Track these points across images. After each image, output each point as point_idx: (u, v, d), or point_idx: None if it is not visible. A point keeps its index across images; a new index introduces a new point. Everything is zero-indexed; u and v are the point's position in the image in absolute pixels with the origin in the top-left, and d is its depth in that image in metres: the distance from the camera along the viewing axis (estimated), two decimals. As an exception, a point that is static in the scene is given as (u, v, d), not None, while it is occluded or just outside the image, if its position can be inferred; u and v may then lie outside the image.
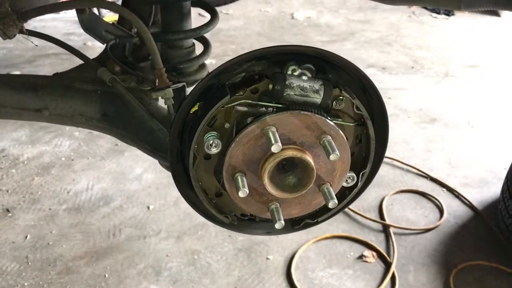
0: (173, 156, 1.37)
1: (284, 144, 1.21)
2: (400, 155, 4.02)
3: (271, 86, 1.24)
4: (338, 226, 3.28)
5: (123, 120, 1.66)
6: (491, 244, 3.18)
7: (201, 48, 1.83)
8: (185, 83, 1.56)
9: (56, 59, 5.63)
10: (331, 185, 1.32)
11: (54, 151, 4.03)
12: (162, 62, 1.56)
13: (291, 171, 1.29)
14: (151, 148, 1.63)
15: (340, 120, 1.32)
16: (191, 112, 1.32)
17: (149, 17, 1.87)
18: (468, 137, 4.37)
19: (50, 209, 3.39)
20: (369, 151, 1.37)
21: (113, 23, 1.90)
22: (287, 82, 1.22)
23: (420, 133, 4.43)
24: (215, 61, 5.27)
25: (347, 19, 7.46)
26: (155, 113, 1.62)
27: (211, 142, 1.25)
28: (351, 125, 1.34)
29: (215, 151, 1.26)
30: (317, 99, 1.24)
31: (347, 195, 1.45)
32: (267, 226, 1.52)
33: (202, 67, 1.77)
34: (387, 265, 3.00)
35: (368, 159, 1.38)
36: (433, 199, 3.58)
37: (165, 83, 1.49)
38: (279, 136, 1.20)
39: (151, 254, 3.05)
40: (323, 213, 1.47)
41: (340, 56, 1.27)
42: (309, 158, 1.25)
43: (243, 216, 1.48)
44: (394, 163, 3.93)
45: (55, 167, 3.83)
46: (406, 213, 3.45)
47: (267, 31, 6.91)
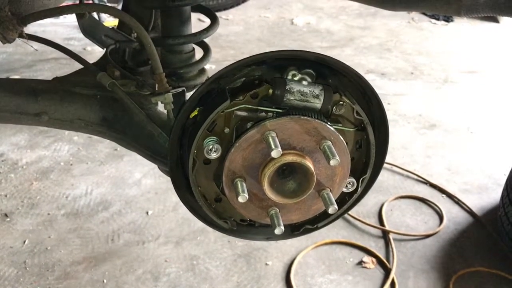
0: (173, 161, 1.37)
1: (284, 149, 1.21)
2: (399, 160, 4.02)
3: (271, 91, 1.24)
4: (337, 232, 3.27)
5: (123, 124, 1.65)
6: (491, 250, 3.17)
7: (201, 53, 1.83)
8: (185, 88, 1.56)
9: (55, 64, 5.63)
10: (331, 191, 1.32)
11: (53, 156, 4.01)
12: (162, 67, 1.56)
13: (291, 176, 1.29)
14: (151, 153, 1.63)
15: (340, 125, 1.32)
16: (191, 117, 1.31)
17: (149, 22, 1.87)
18: (467, 143, 4.36)
19: (48, 214, 3.37)
20: (369, 156, 1.37)
21: (113, 28, 1.90)
22: (287, 87, 1.22)
23: (419, 139, 4.43)
24: (215, 66, 5.28)
25: (347, 25, 7.47)
26: (155, 118, 1.61)
27: (211, 147, 1.25)
28: (351, 130, 1.34)
29: (214, 156, 1.26)
30: (317, 104, 1.24)
31: (347, 200, 1.45)
32: (266, 231, 1.52)
33: (202, 72, 1.77)
34: (387, 271, 2.99)
35: (368, 164, 1.38)
36: (432, 205, 3.57)
37: (165, 88, 1.49)
38: (279, 141, 1.20)
39: (149, 259, 3.03)
40: (323, 218, 1.46)
41: (340, 61, 1.27)
42: (309, 163, 1.25)
43: (243, 221, 1.47)
44: (393, 168, 3.93)
45: (54, 171, 3.82)
46: (405, 219, 3.44)
47: (267, 37, 6.92)
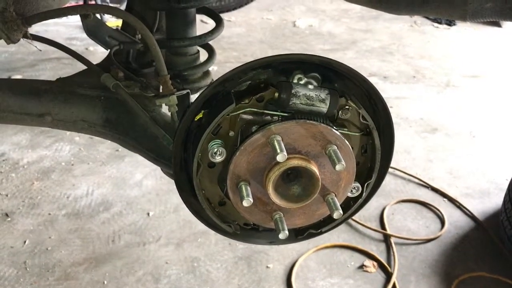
0: (177, 164, 1.36)
1: (289, 153, 1.20)
2: (401, 164, 4.01)
3: (277, 94, 1.23)
4: (339, 235, 3.26)
5: (126, 126, 1.64)
6: (492, 255, 3.16)
7: (205, 55, 1.82)
8: (189, 90, 1.56)
9: (58, 64, 5.63)
10: (336, 196, 1.31)
11: (54, 156, 4.01)
12: (166, 68, 1.55)
13: (296, 180, 1.28)
14: (154, 155, 1.62)
15: (345, 129, 1.31)
16: (196, 119, 1.31)
17: (153, 24, 1.87)
18: (469, 147, 4.36)
19: (49, 214, 3.37)
20: (374, 161, 1.36)
21: (117, 29, 1.89)
22: (293, 90, 1.21)
23: (421, 143, 4.42)
24: (217, 67, 5.27)
25: (349, 27, 7.47)
26: (159, 120, 1.61)
27: (216, 150, 1.24)
28: (357, 135, 1.33)
29: (219, 159, 1.25)
30: (323, 108, 1.23)
31: (352, 205, 1.44)
32: (270, 235, 1.51)
33: (206, 74, 1.76)
34: (388, 275, 2.98)
35: (373, 169, 1.37)
36: (434, 209, 3.56)
37: (169, 90, 1.48)
38: (284, 145, 1.19)
39: (150, 261, 3.02)
40: (327, 223, 1.45)
41: (346, 65, 1.26)
42: (314, 167, 1.24)
43: (246, 225, 1.46)
44: (395, 172, 3.92)
45: (55, 171, 3.82)
46: (407, 223, 3.43)
47: (269, 39, 6.92)
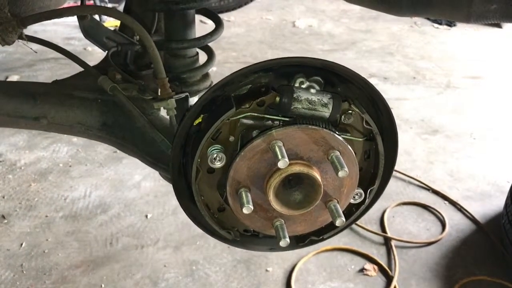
0: (175, 169, 1.33)
1: (290, 159, 1.17)
2: (402, 166, 3.98)
3: (278, 99, 1.20)
4: (339, 238, 3.22)
5: (124, 130, 1.61)
6: (494, 259, 3.13)
7: (205, 57, 1.79)
8: (188, 93, 1.52)
9: (55, 64, 5.59)
10: (338, 202, 1.28)
11: (51, 157, 3.97)
12: (164, 71, 1.52)
13: (297, 187, 1.25)
14: (152, 159, 1.59)
15: (348, 134, 1.28)
16: (195, 124, 1.28)
17: (151, 25, 1.84)
18: (470, 149, 4.33)
19: (46, 216, 3.33)
20: (377, 167, 1.33)
21: (114, 30, 1.86)
22: (295, 95, 1.18)
23: (421, 145, 4.39)
24: (216, 68, 5.24)
25: (349, 28, 7.44)
26: (157, 124, 1.57)
27: (215, 155, 1.21)
28: (360, 140, 1.30)
29: (219, 165, 1.22)
30: (326, 113, 1.20)
31: (354, 211, 1.41)
32: (270, 242, 1.48)
33: (205, 76, 1.73)
34: (389, 279, 2.95)
35: (376, 175, 1.34)
36: (435, 211, 3.53)
37: (167, 93, 1.45)
38: (286, 150, 1.16)
39: (148, 264, 2.99)
40: (329, 230, 1.43)
41: (349, 69, 1.23)
42: (316, 174, 1.21)
43: (246, 231, 1.43)
44: (396, 174, 3.89)
45: (53, 173, 3.78)
46: (408, 225, 3.40)
47: (269, 39, 6.89)
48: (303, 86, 1.23)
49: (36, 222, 3.28)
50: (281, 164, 1.12)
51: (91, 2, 6.61)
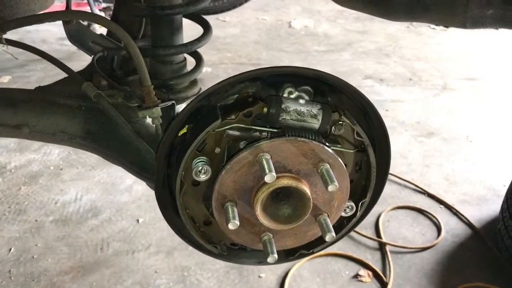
0: (159, 180, 1.28)
1: (278, 172, 1.12)
2: (397, 169, 3.94)
3: (265, 109, 1.15)
4: (333, 243, 3.17)
5: (108, 138, 1.56)
6: (490, 264, 3.09)
7: (193, 63, 1.74)
8: (174, 102, 1.47)
9: (48, 65, 5.41)
10: (328, 216, 1.24)
11: (42, 160, 3.91)
12: (150, 78, 1.47)
13: (286, 200, 1.20)
14: (137, 169, 1.54)
15: (339, 146, 1.23)
16: (179, 135, 1.23)
17: (138, 31, 1.78)
18: (466, 152, 4.29)
19: (36, 221, 3.27)
20: (369, 179, 1.29)
21: (101, 34, 1.81)
22: (283, 105, 1.14)
23: (417, 147, 4.35)
24: (211, 69, 5.19)
25: (345, 29, 7.40)
26: (142, 132, 1.53)
27: (200, 168, 1.16)
28: (351, 151, 1.26)
29: (204, 178, 1.17)
30: (315, 124, 1.16)
31: (345, 225, 1.36)
32: (258, 255, 1.43)
33: (193, 83, 1.68)
34: (383, 285, 2.91)
35: (368, 187, 1.30)
36: (430, 216, 3.49)
37: (152, 102, 1.40)
38: (274, 163, 1.12)
39: (139, 270, 2.94)
40: (319, 243, 1.38)
41: (340, 78, 1.18)
42: (305, 187, 1.16)
43: (233, 245, 1.38)
44: (391, 178, 3.84)
45: (43, 176, 3.72)
46: (402, 230, 3.36)
47: (264, 40, 6.84)
48: (292, 96, 1.18)
49: (25, 226, 3.22)
50: (268, 178, 1.08)
51: (85, 1, 6.54)
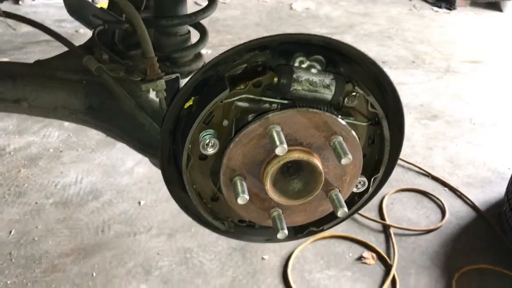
0: (164, 155, 1.24)
1: (289, 145, 1.07)
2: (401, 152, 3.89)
3: (276, 79, 1.10)
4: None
5: (110, 113, 1.51)
6: (494, 246, 3.07)
7: (198, 36, 1.68)
8: (179, 74, 1.42)
9: (47, 47, 5.44)
10: (340, 191, 1.19)
11: (42, 142, 3.87)
12: (154, 50, 1.42)
13: (297, 175, 1.16)
14: (141, 145, 1.49)
15: (352, 118, 1.19)
16: (185, 107, 1.18)
17: (141, 2, 1.72)
18: (470, 135, 4.25)
19: (36, 203, 3.24)
20: (382, 153, 1.24)
21: (101, 8, 1.75)
22: (294, 75, 1.08)
23: (421, 130, 4.31)
24: (211, 51, 5.12)
25: (347, 11, 7.31)
26: (146, 107, 1.47)
27: (207, 141, 1.11)
28: (364, 124, 1.21)
29: (211, 151, 1.13)
30: (328, 95, 1.11)
31: (357, 201, 1.32)
32: (267, 232, 1.40)
33: (198, 56, 1.63)
34: (387, 267, 2.89)
35: (381, 162, 1.25)
36: (434, 198, 3.46)
37: (156, 74, 1.35)
38: (284, 136, 1.07)
39: (141, 252, 2.91)
40: (329, 220, 1.34)
41: (354, 47, 1.13)
42: (317, 161, 1.12)
43: (241, 222, 1.34)
44: (394, 160, 3.80)
45: (43, 158, 3.68)
46: (407, 212, 3.33)
47: (265, 22, 6.75)
48: (303, 65, 1.13)
49: (25, 209, 3.19)
50: (279, 150, 1.03)
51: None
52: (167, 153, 1.24)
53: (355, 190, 1.25)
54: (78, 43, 1.59)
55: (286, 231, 1.16)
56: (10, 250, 2.88)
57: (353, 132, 1.12)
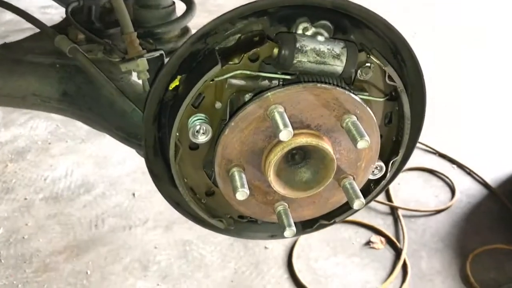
0: (149, 145, 1.07)
1: (294, 128, 0.91)
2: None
3: (276, 50, 0.93)
4: (342, 209, 3.01)
5: (88, 100, 1.35)
6: (508, 225, 2.95)
7: (184, 8, 1.50)
8: (163, 51, 1.25)
9: (31, 35, 5.23)
10: (354, 179, 1.03)
11: (29, 134, 3.72)
12: (134, 27, 1.24)
13: (304, 163, 1.00)
14: (124, 134, 1.34)
15: (366, 94, 1.02)
16: (170, 88, 1.01)
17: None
18: (479, 109, 4.08)
19: (25, 199, 3.11)
20: (402, 133, 1.07)
21: (75, -19, 1.56)
22: (298, 44, 0.91)
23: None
24: (203, 32, 4.92)
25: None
26: (128, 91, 1.30)
27: (198, 127, 0.95)
28: (381, 100, 1.04)
29: (203, 139, 0.96)
30: (338, 66, 0.94)
31: (372, 188, 1.16)
32: (271, 228, 1.24)
33: (185, 32, 1.45)
34: (397, 252, 2.77)
35: (400, 143, 1.09)
36: (443, 177, 3.32)
37: (137, 52, 1.18)
38: (289, 117, 0.90)
39: (137, 246, 2.80)
40: (341, 211, 1.18)
41: (366, 8, 0.95)
42: (328, 145, 0.95)
43: (241, 217, 1.18)
44: (399, 138, 3.65)
45: (31, 151, 3.54)
46: (415, 193, 3.19)
47: (258, 0, 6.52)
48: (308, 33, 0.96)
49: (14, 205, 3.06)
50: (283, 135, 0.87)
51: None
52: (152, 142, 1.07)
53: (371, 176, 1.09)
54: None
55: (294, 229, 1.01)
56: (-2, 250, 2.75)
57: (369, 109, 0.96)
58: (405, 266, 2.68)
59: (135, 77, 1.34)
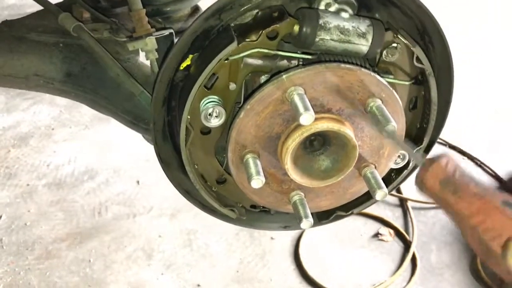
0: (158, 129, 1.01)
1: (315, 112, 0.84)
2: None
3: (297, 27, 0.87)
4: (350, 200, 2.96)
5: (93, 81, 1.29)
6: (520, 218, 2.88)
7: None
8: (172, 30, 1.18)
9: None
10: (376, 168, 0.97)
11: (32, 120, 3.68)
12: (143, 5, 1.18)
13: (323, 150, 0.94)
14: (131, 118, 1.29)
15: (391, 77, 0.95)
16: (181, 68, 0.94)
17: None
18: (489, 97, 4.01)
19: (28, 185, 3.08)
20: (428, 119, 1.01)
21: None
22: (321, 21, 0.85)
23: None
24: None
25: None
26: (135, 72, 1.25)
27: (211, 110, 0.89)
28: (407, 83, 0.97)
29: (216, 123, 0.90)
30: (363, 46, 0.87)
31: (393, 178, 1.10)
32: (284, 218, 1.19)
33: (195, 11, 1.39)
34: (406, 244, 2.72)
35: (425, 130, 1.03)
36: (453, 168, 3.25)
37: (145, 30, 1.12)
38: (309, 100, 0.84)
39: (141, 234, 2.77)
40: (359, 202, 1.12)
41: (394, -16, 0.89)
42: (350, 131, 0.89)
43: (254, 207, 1.12)
44: (408, 129, 3.59)
45: (34, 137, 3.50)
46: (424, 184, 3.12)
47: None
48: (331, 9, 0.89)
49: (16, 191, 3.03)
50: (304, 119, 0.80)
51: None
52: (161, 126, 1.01)
53: (393, 165, 1.03)
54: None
55: (311, 220, 0.95)
56: (0, 236, 2.74)
57: (395, 93, 0.89)
58: (414, 259, 2.63)
59: (143, 58, 1.28)
